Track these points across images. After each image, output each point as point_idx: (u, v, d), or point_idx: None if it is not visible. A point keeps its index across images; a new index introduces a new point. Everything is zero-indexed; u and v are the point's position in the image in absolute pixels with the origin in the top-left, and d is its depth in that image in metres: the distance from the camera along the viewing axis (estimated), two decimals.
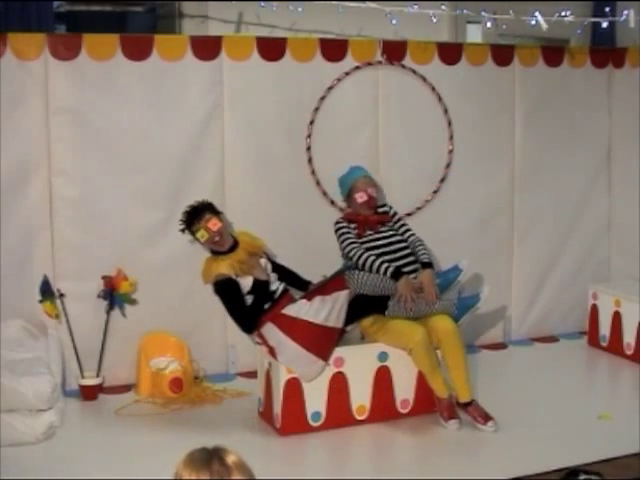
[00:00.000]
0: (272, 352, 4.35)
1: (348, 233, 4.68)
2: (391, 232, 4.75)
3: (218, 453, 1.91)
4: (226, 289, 4.33)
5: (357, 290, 4.40)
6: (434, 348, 4.49)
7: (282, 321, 4.26)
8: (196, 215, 4.44)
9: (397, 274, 4.49)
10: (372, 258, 4.55)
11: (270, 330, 4.29)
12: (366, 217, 4.74)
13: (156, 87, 5.05)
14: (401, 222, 4.86)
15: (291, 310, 4.27)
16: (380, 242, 4.67)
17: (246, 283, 4.35)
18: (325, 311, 4.22)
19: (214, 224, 4.40)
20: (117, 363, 5.06)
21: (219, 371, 5.32)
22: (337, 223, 4.76)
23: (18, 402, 4.20)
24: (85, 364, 4.94)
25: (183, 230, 4.52)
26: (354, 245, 4.63)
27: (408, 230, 4.82)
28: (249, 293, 4.35)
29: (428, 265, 4.63)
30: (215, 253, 4.45)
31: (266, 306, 4.36)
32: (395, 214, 4.88)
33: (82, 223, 4.98)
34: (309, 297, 4.30)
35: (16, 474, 3.83)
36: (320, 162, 5.40)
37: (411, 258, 4.66)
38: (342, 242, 4.68)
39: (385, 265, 4.52)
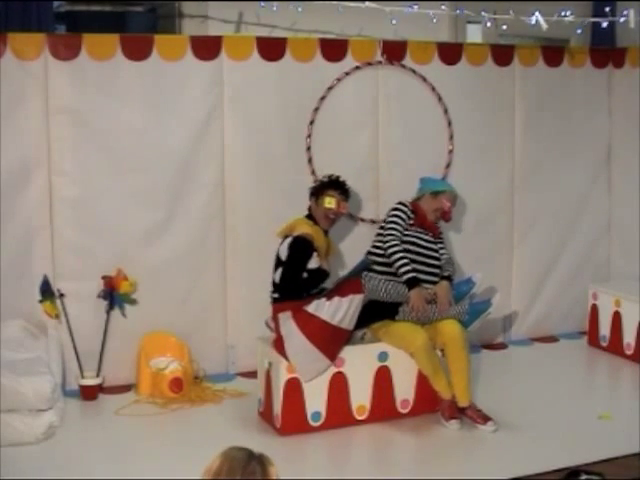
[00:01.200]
0: (280, 342, 4.36)
1: (401, 219, 4.70)
2: (432, 241, 4.77)
3: (261, 458, 1.88)
4: (302, 247, 4.40)
5: (370, 295, 4.46)
6: (439, 349, 4.53)
7: (300, 315, 4.30)
8: (339, 187, 4.61)
9: (413, 282, 4.51)
10: (401, 254, 4.56)
11: (287, 319, 4.32)
12: (425, 217, 4.76)
13: (156, 87, 5.05)
14: (442, 241, 4.88)
15: (310, 307, 4.31)
16: (420, 242, 4.69)
17: (315, 261, 4.42)
18: (341, 313, 4.30)
19: (344, 207, 4.61)
20: (117, 363, 5.06)
21: (219, 371, 5.31)
22: (400, 203, 4.78)
23: (18, 402, 4.20)
24: (85, 364, 4.95)
25: (314, 185, 4.68)
26: (396, 233, 4.63)
27: (443, 248, 4.85)
28: (308, 270, 4.40)
29: (446, 278, 4.67)
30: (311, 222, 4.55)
31: (313, 291, 4.41)
32: (441, 233, 4.93)
33: (82, 223, 4.98)
34: (329, 297, 4.34)
35: (16, 474, 3.83)
36: (320, 162, 5.40)
37: (437, 270, 4.69)
38: (389, 222, 4.70)
39: (406, 268, 4.53)
